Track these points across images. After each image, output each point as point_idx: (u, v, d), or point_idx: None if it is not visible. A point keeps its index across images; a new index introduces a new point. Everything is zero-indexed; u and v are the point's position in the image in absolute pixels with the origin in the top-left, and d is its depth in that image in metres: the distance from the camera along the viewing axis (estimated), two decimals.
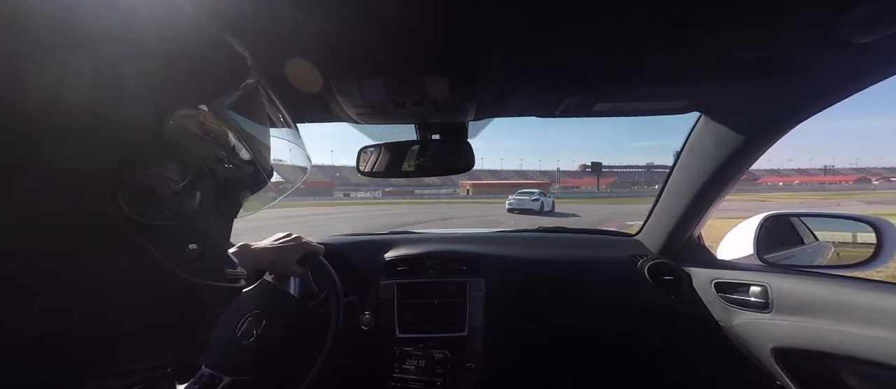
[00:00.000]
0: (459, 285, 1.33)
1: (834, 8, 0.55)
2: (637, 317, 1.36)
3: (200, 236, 0.38)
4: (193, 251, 0.37)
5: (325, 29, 0.57)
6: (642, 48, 0.66)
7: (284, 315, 0.92)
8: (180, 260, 0.35)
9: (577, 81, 0.82)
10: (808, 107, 0.88)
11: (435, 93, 0.82)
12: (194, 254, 0.37)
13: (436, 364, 1.13)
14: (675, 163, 1.31)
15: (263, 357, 0.85)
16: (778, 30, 0.62)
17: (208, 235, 0.39)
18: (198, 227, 0.37)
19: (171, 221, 0.34)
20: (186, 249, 0.36)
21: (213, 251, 0.41)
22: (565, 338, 1.36)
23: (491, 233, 1.80)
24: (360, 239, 1.65)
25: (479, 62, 0.70)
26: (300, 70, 0.73)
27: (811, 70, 0.75)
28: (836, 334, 1.00)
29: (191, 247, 0.37)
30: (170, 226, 0.34)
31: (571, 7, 0.53)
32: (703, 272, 1.36)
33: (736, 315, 1.22)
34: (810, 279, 1.14)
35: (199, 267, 0.37)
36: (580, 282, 1.42)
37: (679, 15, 0.56)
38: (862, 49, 0.65)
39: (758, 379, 1.19)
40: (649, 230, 1.56)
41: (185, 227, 0.36)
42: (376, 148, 1.13)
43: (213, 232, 0.41)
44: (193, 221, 0.36)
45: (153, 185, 0.32)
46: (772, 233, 1.33)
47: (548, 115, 1.05)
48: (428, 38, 0.61)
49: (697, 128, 1.17)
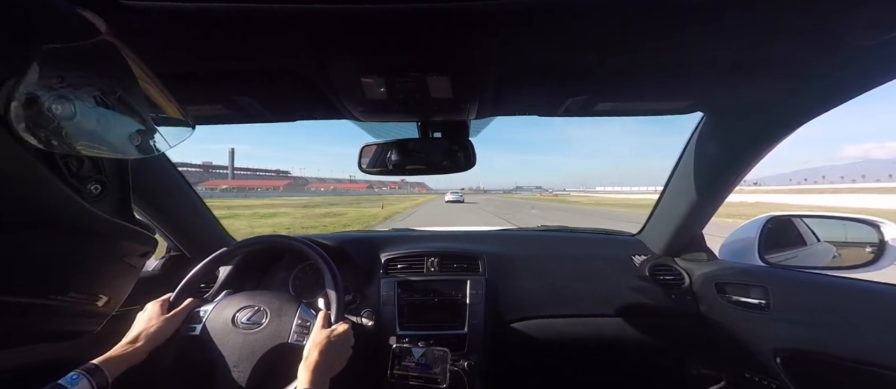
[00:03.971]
0: (459, 283, 1.33)
1: (837, 10, 0.55)
2: (637, 317, 1.36)
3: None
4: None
5: (325, 27, 0.57)
6: (646, 48, 0.65)
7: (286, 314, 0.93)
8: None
9: (580, 81, 0.82)
10: (811, 108, 0.88)
11: (437, 92, 0.82)
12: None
13: (435, 361, 1.14)
14: (678, 163, 1.31)
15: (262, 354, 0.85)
16: (781, 31, 0.61)
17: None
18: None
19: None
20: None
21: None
22: (565, 337, 1.37)
23: (491, 232, 1.80)
24: (359, 236, 1.65)
25: (482, 61, 0.70)
26: (302, 68, 0.73)
27: (814, 72, 0.74)
28: (836, 335, 1.00)
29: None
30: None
31: (574, 5, 0.53)
32: (704, 272, 1.36)
33: (736, 315, 1.22)
34: (811, 280, 1.13)
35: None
36: (580, 281, 1.41)
37: (683, 15, 0.56)
38: (865, 51, 0.64)
39: (758, 379, 1.19)
40: (650, 230, 1.56)
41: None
42: (378, 145, 1.13)
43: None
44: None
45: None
46: (774, 234, 1.33)
47: (550, 115, 1.04)
48: (430, 37, 0.61)
49: (700, 129, 1.17)
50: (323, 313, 0.87)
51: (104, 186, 0.51)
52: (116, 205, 0.53)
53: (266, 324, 0.87)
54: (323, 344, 0.78)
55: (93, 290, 0.53)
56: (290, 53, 0.66)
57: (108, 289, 0.56)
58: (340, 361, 0.81)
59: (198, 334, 0.86)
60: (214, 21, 0.54)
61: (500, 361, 1.37)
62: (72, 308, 0.51)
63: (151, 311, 0.87)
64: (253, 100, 0.89)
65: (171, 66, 0.47)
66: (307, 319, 0.88)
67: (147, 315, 0.86)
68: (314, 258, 1.01)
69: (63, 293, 0.48)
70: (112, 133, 0.44)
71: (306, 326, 0.87)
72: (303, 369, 0.74)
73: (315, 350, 0.77)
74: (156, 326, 0.83)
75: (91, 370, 0.67)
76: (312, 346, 0.78)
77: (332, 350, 0.79)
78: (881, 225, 1.16)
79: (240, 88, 0.84)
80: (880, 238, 1.15)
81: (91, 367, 0.67)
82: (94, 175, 0.50)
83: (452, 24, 0.56)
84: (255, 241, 1.12)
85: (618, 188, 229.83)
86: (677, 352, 1.41)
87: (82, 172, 0.48)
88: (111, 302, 0.58)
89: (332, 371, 0.77)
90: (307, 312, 0.91)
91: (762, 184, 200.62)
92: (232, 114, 0.97)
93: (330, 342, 0.80)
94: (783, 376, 1.09)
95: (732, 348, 1.24)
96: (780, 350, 1.10)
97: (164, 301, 0.91)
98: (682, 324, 1.36)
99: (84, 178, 0.48)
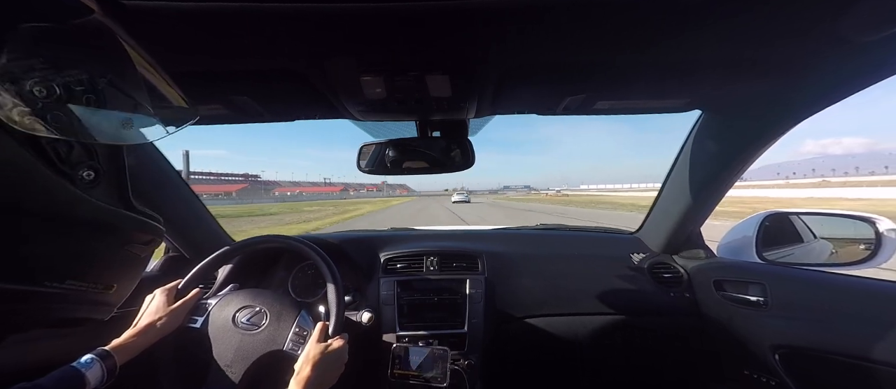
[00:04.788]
0: (459, 282, 1.33)
1: (836, 6, 0.55)
2: (636, 315, 1.37)
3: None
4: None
5: (324, 26, 0.57)
6: (645, 47, 0.66)
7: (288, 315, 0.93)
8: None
9: (579, 79, 0.82)
10: (810, 105, 0.88)
11: (436, 91, 0.82)
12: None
13: (435, 360, 1.14)
14: (676, 160, 1.31)
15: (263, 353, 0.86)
16: (779, 28, 0.62)
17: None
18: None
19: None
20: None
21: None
22: (565, 335, 1.37)
23: (491, 231, 1.81)
24: (359, 235, 1.65)
25: (481, 59, 0.70)
26: (300, 68, 0.73)
27: (813, 69, 0.75)
28: (834, 331, 1.00)
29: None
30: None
31: (574, 4, 0.53)
32: (703, 269, 1.36)
33: (735, 312, 1.22)
34: (808, 277, 1.14)
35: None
36: (580, 280, 1.42)
37: (682, 14, 0.56)
38: (863, 48, 0.65)
39: (756, 376, 1.20)
40: (649, 228, 1.57)
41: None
42: (376, 145, 1.13)
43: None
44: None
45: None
46: (771, 232, 1.33)
47: (549, 113, 1.04)
48: (429, 35, 0.61)
49: (698, 127, 1.17)
50: (320, 325, 0.87)
51: (98, 173, 0.49)
52: (112, 193, 0.52)
53: (264, 328, 0.87)
54: (316, 359, 0.78)
55: (98, 279, 0.53)
56: (288, 53, 0.66)
57: (114, 278, 0.56)
58: (332, 378, 0.81)
59: (198, 327, 0.87)
60: (212, 20, 0.54)
61: (499, 360, 1.37)
62: (78, 296, 0.51)
63: (159, 300, 0.88)
64: (251, 100, 0.89)
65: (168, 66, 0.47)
66: (305, 328, 0.89)
67: (155, 304, 0.88)
68: (317, 261, 1.02)
69: (61, 281, 0.47)
70: (100, 117, 0.42)
71: (303, 336, 0.87)
72: (294, 383, 0.74)
73: (307, 365, 0.77)
74: (163, 316, 0.85)
75: (103, 355, 0.70)
76: (305, 360, 0.78)
77: (324, 366, 0.79)
78: (877, 221, 1.17)
79: (238, 88, 0.84)
80: (876, 234, 1.16)
81: (103, 353, 0.71)
82: (86, 161, 0.48)
83: (452, 22, 0.56)
84: (257, 241, 1.12)
85: (603, 186, 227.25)
86: (676, 350, 1.41)
87: (72, 158, 0.46)
88: (119, 291, 0.58)
89: (322, 388, 0.78)
90: (306, 320, 0.91)
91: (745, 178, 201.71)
92: (230, 114, 0.97)
93: (323, 357, 0.80)
94: (781, 372, 1.10)
95: (731, 345, 1.25)
96: (779, 346, 1.11)
97: (171, 288, 0.92)
98: (680, 322, 1.36)
99: (75, 164, 0.47)
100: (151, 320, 0.83)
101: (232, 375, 0.80)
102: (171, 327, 0.85)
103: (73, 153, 0.47)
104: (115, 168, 0.52)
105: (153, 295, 0.90)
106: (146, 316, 0.85)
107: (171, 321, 0.85)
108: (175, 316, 0.86)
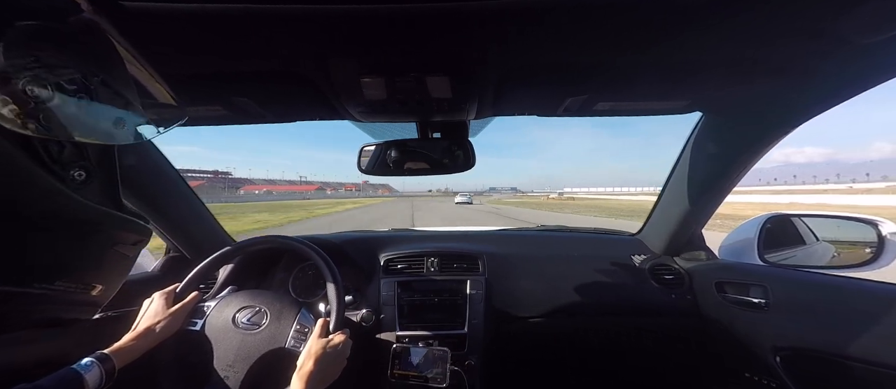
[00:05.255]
0: (459, 283, 1.33)
1: (838, 8, 0.55)
2: (637, 316, 1.37)
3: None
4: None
5: (324, 28, 0.57)
6: (646, 48, 0.65)
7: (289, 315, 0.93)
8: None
9: (580, 80, 0.82)
10: (811, 107, 0.88)
11: (436, 92, 0.82)
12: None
13: (436, 361, 1.14)
14: (677, 162, 1.31)
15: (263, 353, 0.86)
16: (781, 30, 0.61)
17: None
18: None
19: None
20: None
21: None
22: (566, 336, 1.37)
23: (491, 232, 1.80)
24: (359, 236, 1.65)
25: (481, 60, 0.70)
26: (301, 69, 0.73)
27: (814, 70, 0.74)
28: (836, 334, 1.00)
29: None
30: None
31: (574, 6, 0.53)
32: (704, 271, 1.36)
33: (736, 314, 1.22)
34: (810, 279, 1.14)
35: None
36: (580, 281, 1.41)
37: (683, 15, 0.56)
38: (865, 50, 0.64)
39: (757, 378, 1.19)
40: (650, 229, 1.56)
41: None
42: (377, 146, 1.13)
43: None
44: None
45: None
46: (773, 234, 1.33)
47: (549, 115, 1.04)
48: (430, 37, 0.61)
49: (699, 128, 1.17)
50: (322, 321, 0.88)
51: (89, 172, 0.49)
52: (103, 193, 0.52)
53: (265, 326, 0.87)
54: (318, 354, 0.79)
55: (82, 279, 0.52)
56: (289, 54, 0.66)
57: (99, 278, 0.55)
58: (334, 372, 0.82)
59: (198, 330, 0.87)
60: (213, 22, 0.54)
61: (500, 361, 1.36)
62: (63, 296, 0.50)
63: (158, 304, 0.88)
64: (252, 101, 0.89)
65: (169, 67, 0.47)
66: (306, 325, 0.89)
67: (154, 307, 0.87)
68: (318, 262, 1.02)
69: (49, 282, 0.47)
70: (92, 117, 0.42)
71: (304, 332, 0.87)
72: (296, 378, 0.75)
73: (310, 359, 0.77)
74: (162, 320, 0.84)
75: (102, 358, 0.69)
76: (307, 355, 0.79)
77: (326, 360, 0.79)
78: (880, 224, 1.17)
79: (239, 90, 0.84)
80: (879, 237, 1.15)
81: (102, 356, 0.70)
82: (77, 161, 0.48)
83: (452, 23, 0.56)
84: (258, 241, 1.12)
85: (587, 189, 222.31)
86: (677, 351, 1.41)
87: (64, 158, 0.46)
88: (105, 291, 0.58)
89: (325, 382, 0.78)
90: (306, 318, 0.91)
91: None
92: (231, 115, 0.97)
93: (325, 352, 0.80)
94: (783, 375, 1.09)
95: (732, 347, 1.24)
96: (780, 348, 1.10)
97: (170, 292, 0.91)
98: (681, 323, 1.36)
99: (66, 164, 0.47)
100: (150, 323, 0.82)
101: (234, 375, 0.80)
102: (171, 330, 0.85)
103: (65, 152, 0.47)
104: (105, 168, 0.52)
105: (151, 299, 0.89)
106: (145, 320, 0.84)
107: (171, 324, 0.85)
108: (174, 320, 0.86)
